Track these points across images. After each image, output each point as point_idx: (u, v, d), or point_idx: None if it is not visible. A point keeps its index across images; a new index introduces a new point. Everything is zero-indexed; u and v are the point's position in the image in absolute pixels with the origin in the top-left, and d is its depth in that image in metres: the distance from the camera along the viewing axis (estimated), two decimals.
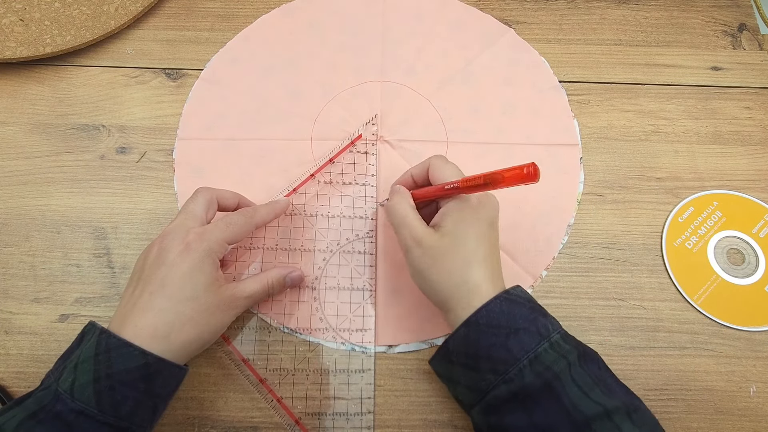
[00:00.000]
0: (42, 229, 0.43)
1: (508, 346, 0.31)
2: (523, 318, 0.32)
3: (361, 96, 0.49)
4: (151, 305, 0.32)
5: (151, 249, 0.35)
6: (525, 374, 0.30)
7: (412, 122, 0.48)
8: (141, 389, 0.31)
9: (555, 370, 0.30)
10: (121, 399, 0.30)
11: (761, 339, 0.41)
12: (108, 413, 0.30)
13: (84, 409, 0.29)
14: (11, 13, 0.49)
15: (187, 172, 0.46)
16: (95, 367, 0.30)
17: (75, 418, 0.29)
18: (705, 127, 0.48)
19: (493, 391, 0.31)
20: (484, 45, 0.51)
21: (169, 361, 0.32)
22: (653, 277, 0.43)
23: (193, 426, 0.38)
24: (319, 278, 0.42)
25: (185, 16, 0.52)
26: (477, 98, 0.49)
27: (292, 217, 0.43)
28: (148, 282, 0.33)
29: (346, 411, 0.38)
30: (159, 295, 0.33)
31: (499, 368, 0.31)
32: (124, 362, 0.30)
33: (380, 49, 0.51)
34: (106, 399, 0.30)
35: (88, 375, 0.30)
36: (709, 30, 0.53)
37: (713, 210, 0.45)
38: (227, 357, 0.40)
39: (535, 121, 0.48)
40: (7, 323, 0.40)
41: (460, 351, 0.33)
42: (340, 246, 0.43)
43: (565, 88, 0.50)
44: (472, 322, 0.32)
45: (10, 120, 0.47)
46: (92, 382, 0.30)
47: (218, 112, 0.48)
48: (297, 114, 0.48)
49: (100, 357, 0.30)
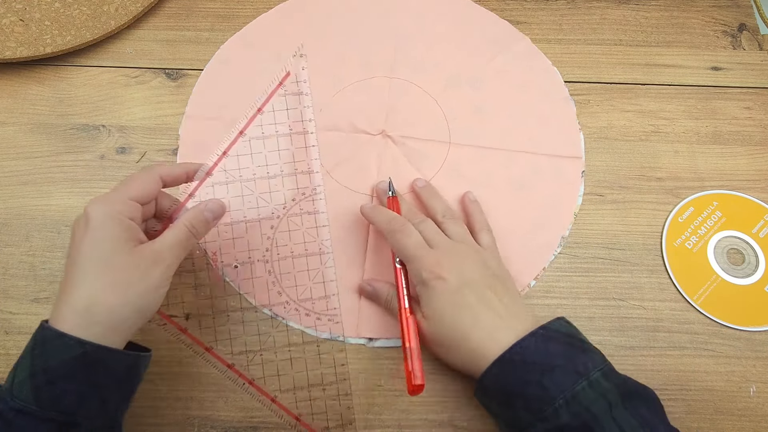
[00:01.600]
0: (42, 229, 0.43)
1: (544, 384, 0.30)
2: (560, 355, 0.31)
3: (369, 90, 0.49)
4: (69, 285, 0.30)
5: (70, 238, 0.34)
6: (561, 414, 0.29)
7: (417, 120, 0.48)
8: (82, 380, 0.29)
9: (593, 410, 0.29)
10: (60, 393, 0.28)
11: (761, 339, 0.41)
12: (48, 409, 0.28)
13: (23, 407, 0.28)
14: (11, 13, 0.49)
15: (188, 150, 0.46)
16: (32, 362, 0.29)
17: (14, 417, 0.28)
18: (705, 127, 0.48)
19: (530, 429, 0.30)
20: (497, 50, 0.51)
21: (110, 348, 0.30)
22: (653, 277, 0.43)
23: (193, 426, 0.38)
24: (270, 249, 0.39)
25: (185, 16, 0.52)
26: (484, 101, 0.49)
27: (228, 185, 0.38)
28: (66, 266, 0.32)
29: (321, 381, 0.37)
30: (73, 272, 0.31)
31: (533, 407, 0.30)
32: (59, 354, 0.29)
33: (392, 45, 0.51)
34: (45, 394, 0.28)
35: (26, 371, 0.29)
36: (709, 30, 0.53)
37: (713, 210, 0.45)
38: (189, 348, 0.38)
39: (542, 130, 0.48)
40: (7, 323, 0.40)
41: (494, 388, 0.33)
42: (287, 209, 0.40)
43: (565, 88, 0.50)
44: (505, 359, 0.32)
45: (10, 120, 0.47)
46: (29, 378, 0.28)
47: (228, 93, 0.49)
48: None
49: (36, 351, 0.29)
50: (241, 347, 0.39)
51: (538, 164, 0.46)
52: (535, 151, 0.47)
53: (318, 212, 0.40)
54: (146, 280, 0.31)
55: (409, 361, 0.35)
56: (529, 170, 0.46)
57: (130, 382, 0.32)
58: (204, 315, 0.39)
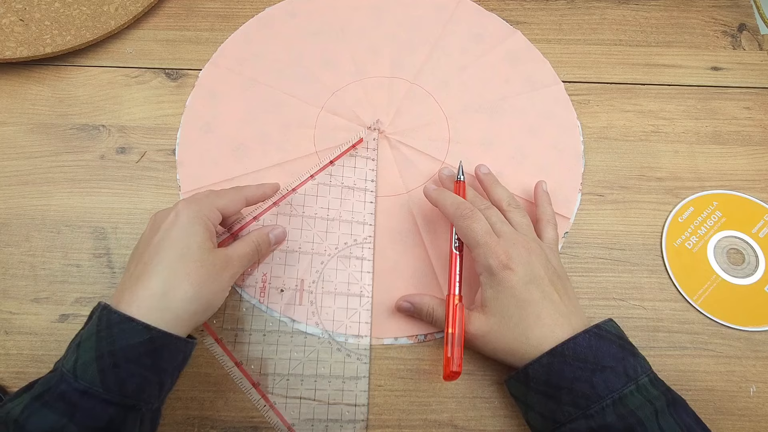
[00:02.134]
0: (42, 229, 0.43)
1: (593, 382, 0.31)
2: (612, 356, 0.32)
3: (386, 88, 0.49)
4: (147, 271, 0.32)
5: (145, 230, 0.36)
6: (607, 414, 0.30)
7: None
8: (147, 365, 0.30)
9: (639, 415, 0.29)
10: (126, 377, 0.29)
11: (761, 339, 0.41)
12: (114, 392, 0.29)
13: (88, 389, 0.28)
14: (11, 13, 0.49)
15: (203, 93, 0.49)
16: (97, 344, 0.29)
17: (79, 398, 0.28)
18: (705, 127, 0.48)
19: (572, 423, 0.31)
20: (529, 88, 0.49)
21: (175, 335, 0.31)
22: (653, 277, 0.43)
23: (193, 426, 0.38)
24: (316, 282, 0.41)
25: (185, 16, 0.52)
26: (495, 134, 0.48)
27: (291, 218, 0.43)
28: (143, 254, 0.33)
29: (340, 417, 0.38)
30: (154, 260, 0.32)
31: (580, 402, 0.31)
32: (127, 338, 0.29)
33: (427, 52, 0.51)
34: (110, 377, 0.29)
35: (91, 353, 0.29)
36: (709, 30, 0.53)
37: (713, 210, 0.45)
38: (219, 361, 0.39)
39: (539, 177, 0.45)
40: (7, 323, 0.40)
41: (540, 378, 0.33)
42: (338, 250, 0.43)
43: (565, 88, 0.50)
44: (557, 352, 0.32)
45: (10, 120, 0.47)
46: (95, 360, 0.29)
47: (255, 52, 0.50)
48: (321, 81, 0.49)
49: (102, 334, 0.30)
50: (270, 369, 0.39)
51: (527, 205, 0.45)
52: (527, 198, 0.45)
53: (365, 259, 0.42)
54: (218, 281, 0.34)
55: (449, 347, 0.35)
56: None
57: (181, 368, 0.33)
58: (241, 330, 0.40)
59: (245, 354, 0.39)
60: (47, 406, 0.28)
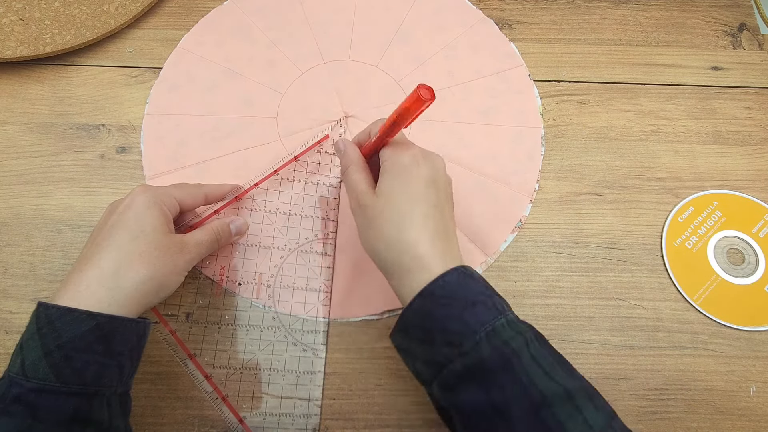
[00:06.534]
0: (42, 228, 0.43)
1: (464, 318, 0.30)
2: (480, 293, 0.31)
3: (310, 82, 0.49)
4: (99, 252, 0.32)
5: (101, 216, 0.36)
6: (482, 348, 0.29)
7: (368, 92, 0.49)
8: (100, 351, 0.30)
9: (513, 345, 0.29)
10: (81, 366, 0.29)
11: (761, 339, 0.41)
12: (72, 383, 0.28)
13: (43, 386, 0.28)
14: (11, 12, 0.49)
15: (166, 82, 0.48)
16: (42, 341, 0.29)
17: (36, 397, 0.28)
18: (705, 127, 0.48)
19: (450, 365, 0.30)
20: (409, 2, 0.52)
21: (123, 317, 0.31)
22: (653, 277, 0.43)
23: (193, 426, 0.38)
24: (274, 276, 0.41)
25: (185, 16, 0.52)
26: (418, 52, 0.50)
27: (252, 212, 0.43)
28: (96, 237, 0.33)
29: (293, 412, 0.38)
30: (107, 240, 0.32)
31: (454, 340, 0.30)
32: (72, 329, 0.29)
33: (310, 33, 0.51)
34: (65, 370, 0.28)
35: (37, 351, 0.29)
36: (709, 30, 0.53)
37: (713, 210, 0.45)
38: (171, 349, 0.39)
39: (477, 55, 0.50)
40: (7, 323, 0.40)
41: (415, 324, 0.32)
42: (299, 245, 0.42)
43: (565, 87, 0.50)
44: (427, 292, 0.31)
45: (10, 120, 0.47)
46: (43, 357, 0.28)
47: (178, 142, 0.46)
48: (257, 117, 0.47)
49: (44, 331, 0.29)
50: (223, 361, 0.39)
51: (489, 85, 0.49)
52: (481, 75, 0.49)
53: (325, 254, 0.42)
54: (172, 263, 0.34)
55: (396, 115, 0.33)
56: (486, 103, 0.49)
57: (139, 349, 0.33)
58: (196, 322, 0.40)
59: (199, 346, 0.39)
60: (4, 413, 0.27)
